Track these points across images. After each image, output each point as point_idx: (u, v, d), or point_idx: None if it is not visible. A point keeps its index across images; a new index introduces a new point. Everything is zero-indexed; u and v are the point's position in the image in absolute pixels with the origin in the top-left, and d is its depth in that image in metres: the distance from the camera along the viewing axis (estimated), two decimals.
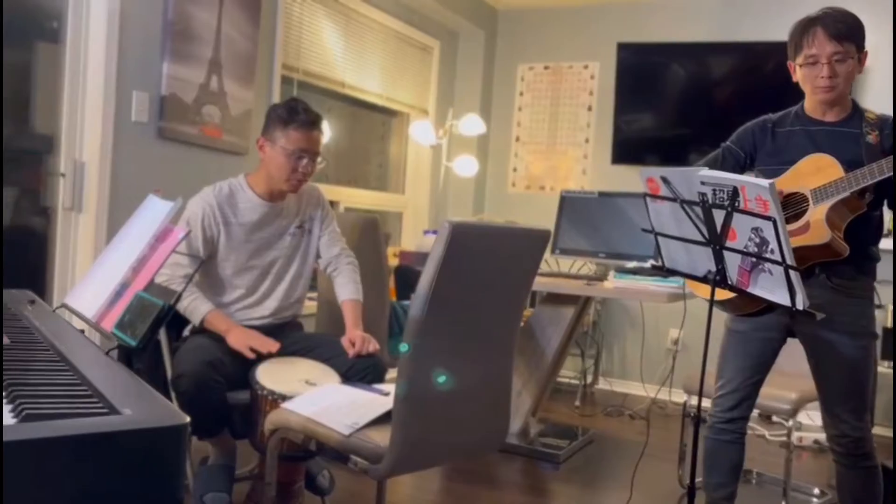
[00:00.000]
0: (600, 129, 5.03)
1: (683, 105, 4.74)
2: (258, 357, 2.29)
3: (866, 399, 2.10)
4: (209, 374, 2.17)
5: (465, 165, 4.88)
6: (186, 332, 2.47)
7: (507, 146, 5.37)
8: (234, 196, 2.46)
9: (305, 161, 2.41)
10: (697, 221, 1.82)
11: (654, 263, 2.12)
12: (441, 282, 1.73)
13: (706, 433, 2.27)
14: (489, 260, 1.86)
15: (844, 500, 2.19)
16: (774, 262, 1.67)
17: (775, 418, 4.04)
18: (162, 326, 1.45)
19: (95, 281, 1.79)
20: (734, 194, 1.70)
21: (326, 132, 2.52)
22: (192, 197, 2.44)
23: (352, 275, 2.61)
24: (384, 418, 1.85)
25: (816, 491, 3.17)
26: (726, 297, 2.05)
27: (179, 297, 1.69)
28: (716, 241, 1.80)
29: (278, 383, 2.13)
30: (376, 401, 1.99)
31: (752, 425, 2.29)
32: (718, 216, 1.76)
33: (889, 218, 2.94)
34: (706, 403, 2.15)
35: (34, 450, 0.82)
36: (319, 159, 2.47)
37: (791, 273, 1.64)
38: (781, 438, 3.83)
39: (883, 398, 3.20)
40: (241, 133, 3.39)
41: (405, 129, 5.01)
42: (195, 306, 2.35)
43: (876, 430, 2.17)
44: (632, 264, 3.38)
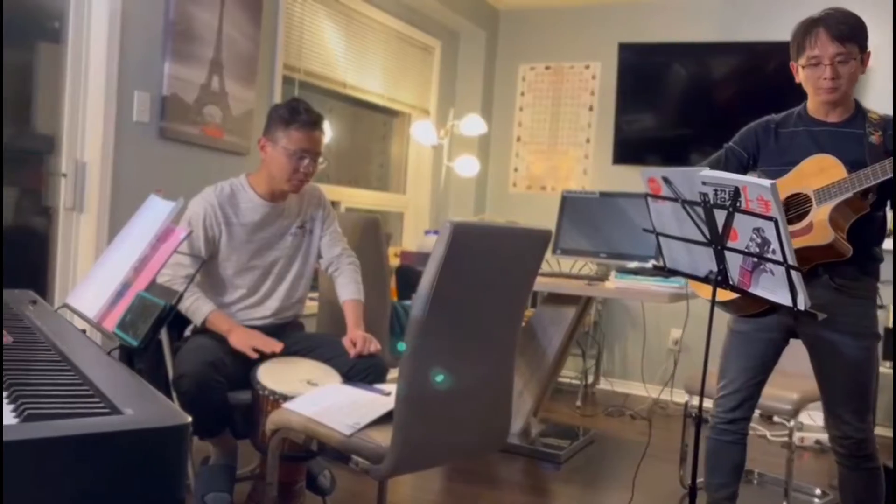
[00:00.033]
0: (601, 130, 5.02)
1: (684, 105, 4.74)
2: (260, 357, 2.29)
3: (869, 400, 2.10)
4: (210, 375, 2.17)
5: (467, 165, 4.88)
6: (188, 332, 2.48)
7: (509, 146, 5.37)
8: (236, 196, 2.46)
9: (307, 161, 2.41)
10: (699, 221, 1.82)
11: (656, 264, 2.12)
12: (442, 282, 1.73)
13: (708, 433, 2.27)
14: (490, 260, 1.86)
15: (846, 502, 2.18)
16: (776, 263, 1.67)
17: (777, 418, 4.03)
18: (163, 326, 1.45)
19: (97, 281, 1.79)
20: (735, 194, 1.70)
21: (328, 132, 2.52)
22: (194, 197, 2.44)
23: (353, 275, 2.61)
24: (385, 418, 1.85)
25: (818, 491, 3.16)
26: (729, 298, 2.05)
27: (181, 298, 1.69)
28: (717, 242, 1.80)
29: (279, 383, 2.13)
30: (377, 401, 1.99)
31: (754, 425, 2.29)
32: (720, 216, 1.76)
33: (892, 218, 2.94)
34: (707, 404, 2.15)
35: (36, 450, 0.82)
36: (321, 159, 2.48)
37: (792, 273, 1.64)
38: (783, 439, 3.83)
39: (884, 398, 3.20)
40: (243, 133, 3.39)
41: (406, 130, 5.02)
42: (197, 306, 2.35)
43: (877, 431, 2.16)
44: (633, 264, 3.38)
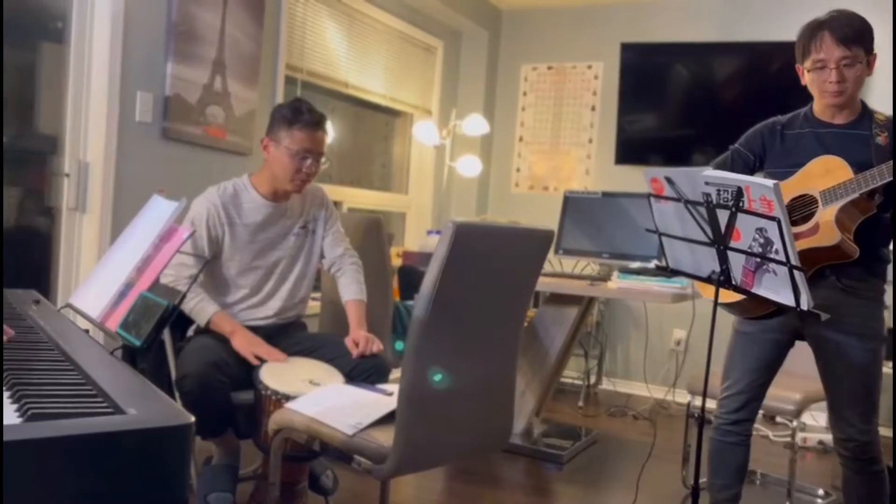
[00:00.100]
0: (604, 130, 5.02)
1: (687, 105, 4.74)
2: (261, 360, 2.29)
3: (874, 402, 2.09)
4: (213, 375, 2.17)
5: (469, 165, 4.88)
6: (190, 332, 2.48)
7: (511, 146, 5.37)
8: (239, 196, 2.47)
9: (309, 161, 2.41)
10: (701, 222, 1.82)
11: (658, 264, 2.12)
12: (445, 282, 1.73)
13: (711, 434, 2.27)
14: (493, 260, 1.86)
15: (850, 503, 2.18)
16: (779, 263, 1.67)
17: (779, 419, 4.03)
18: (166, 326, 1.45)
19: (100, 281, 1.80)
20: (738, 194, 1.69)
21: (330, 132, 2.52)
22: (197, 197, 2.44)
23: (355, 275, 2.61)
24: (388, 418, 1.85)
25: (821, 492, 3.16)
26: (735, 300, 2.04)
27: (184, 298, 1.69)
28: (720, 242, 1.79)
29: (282, 383, 2.13)
30: (380, 401, 1.98)
31: (756, 426, 2.28)
32: (722, 216, 1.76)
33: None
34: (710, 404, 2.15)
35: (39, 449, 0.82)
36: (323, 159, 2.48)
37: (796, 273, 1.64)
38: (786, 439, 3.82)
39: (885, 398, 3.18)
40: (245, 133, 3.39)
41: (409, 130, 5.02)
42: (201, 307, 2.36)
43: (879, 431, 2.16)
44: (635, 265, 3.38)
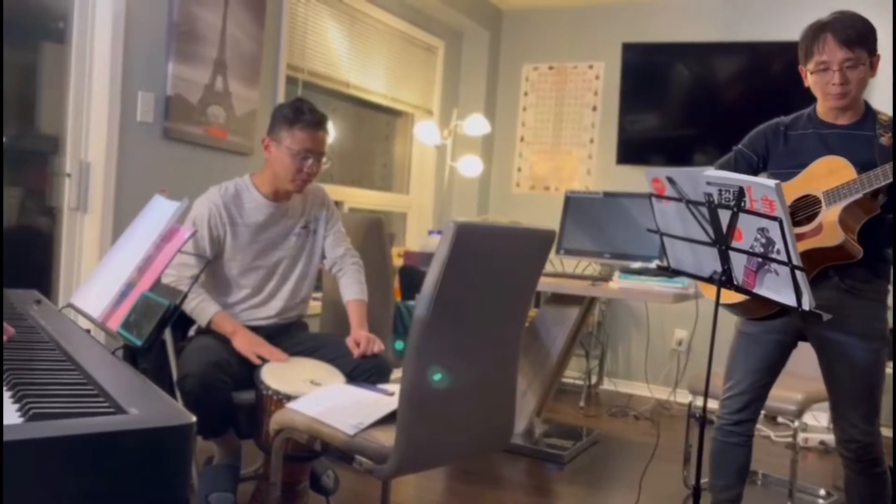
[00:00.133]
0: (605, 130, 5.02)
1: (688, 105, 4.74)
2: (263, 360, 2.29)
3: (876, 404, 2.08)
4: (215, 375, 2.17)
5: (470, 166, 4.88)
6: (192, 332, 2.48)
7: (512, 146, 5.37)
8: (240, 196, 2.47)
9: (311, 161, 2.41)
10: (703, 222, 1.81)
11: (660, 264, 2.11)
12: (446, 282, 1.73)
13: (713, 435, 2.26)
14: (494, 260, 1.86)
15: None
16: (780, 263, 1.66)
17: (781, 419, 4.03)
18: (168, 326, 1.45)
19: (101, 281, 1.80)
20: (740, 194, 1.69)
21: (331, 132, 2.52)
22: (198, 197, 2.45)
23: (357, 275, 2.61)
24: (389, 418, 1.85)
25: (822, 492, 3.16)
26: (738, 301, 2.03)
27: (185, 298, 1.69)
28: (721, 242, 1.79)
29: (283, 383, 2.13)
30: (381, 401, 1.98)
31: (758, 426, 2.28)
32: (724, 216, 1.75)
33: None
34: (711, 404, 2.14)
35: (41, 449, 0.82)
36: (324, 159, 2.48)
37: (797, 273, 1.64)
38: (787, 439, 3.82)
39: (887, 399, 3.17)
40: (246, 133, 3.39)
41: (410, 130, 5.02)
42: (203, 308, 2.35)
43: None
44: (637, 265, 3.38)
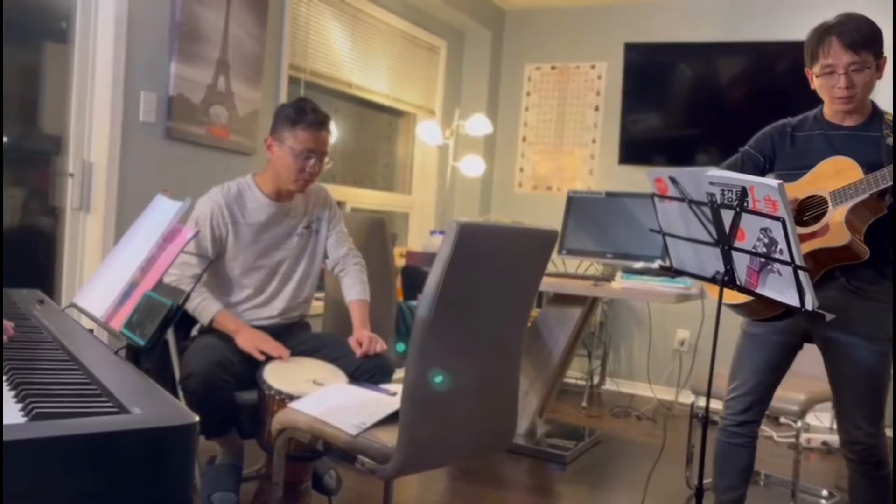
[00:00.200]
0: (607, 130, 5.02)
1: (691, 105, 4.73)
2: (266, 357, 2.29)
3: (881, 406, 2.07)
4: (218, 374, 2.17)
5: (472, 166, 4.88)
6: (194, 332, 2.48)
7: (514, 146, 5.37)
8: (243, 196, 2.47)
9: (313, 161, 2.41)
10: (706, 222, 1.81)
11: (662, 264, 2.11)
12: (448, 282, 1.73)
13: (717, 435, 2.26)
14: (497, 260, 1.86)
15: None
16: (783, 263, 1.66)
17: (783, 419, 4.02)
18: (170, 326, 1.45)
19: (104, 281, 1.80)
20: (743, 194, 1.69)
21: (334, 132, 2.52)
22: (201, 197, 2.45)
23: (359, 275, 2.61)
24: (391, 418, 1.85)
25: (825, 492, 3.15)
26: (742, 301, 2.03)
27: (188, 297, 1.69)
28: (724, 242, 1.79)
29: (286, 383, 2.13)
30: (383, 401, 1.98)
31: (761, 426, 2.28)
32: (727, 216, 1.75)
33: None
34: (714, 405, 2.14)
35: (44, 449, 0.82)
36: (327, 159, 2.48)
37: (800, 273, 1.63)
38: (790, 440, 3.82)
39: (889, 399, 3.17)
40: (249, 133, 3.40)
41: (412, 130, 5.02)
42: (204, 306, 2.36)
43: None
44: (639, 265, 3.38)
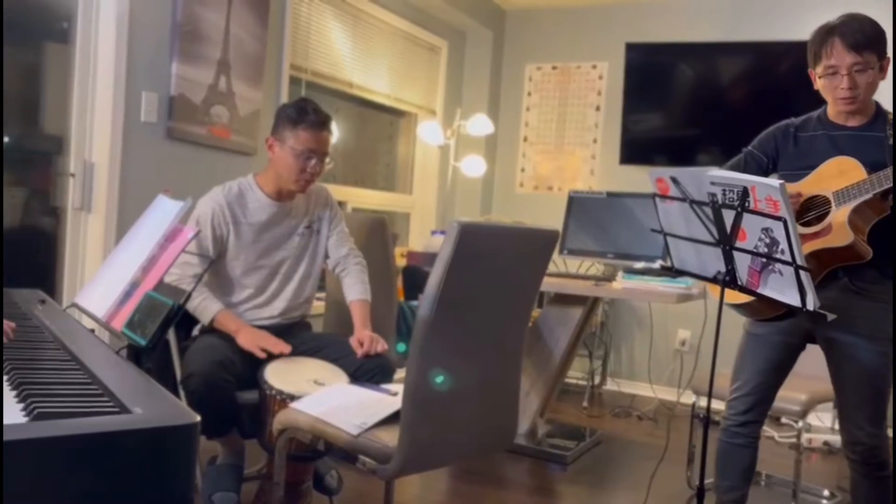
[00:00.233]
0: (608, 130, 5.02)
1: (692, 105, 4.73)
2: (267, 356, 2.29)
3: (884, 406, 2.06)
4: (219, 374, 2.17)
5: (473, 166, 4.88)
6: (196, 332, 2.48)
7: (515, 146, 5.37)
8: (244, 196, 2.47)
9: (314, 161, 2.41)
10: (707, 222, 1.81)
11: (663, 264, 2.11)
12: (449, 282, 1.73)
13: (719, 435, 2.26)
14: (498, 260, 1.86)
15: None
16: (784, 263, 1.66)
17: (785, 420, 4.02)
18: (172, 326, 1.46)
19: (105, 280, 1.80)
20: (744, 194, 1.69)
21: (335, 133, 2.52)
22: (202, 197, 2.45)
23: (360, 275, 2.61)
24: (392, 418, 1.85)
25: (826, 493, 3.15)
26: (745, 301, 2.03)
27: (189, 297, 1.69)
28: (725, 242, 1.79)
29: (287, 383, 2.13)
30: (384, 401, 1.98)
31: (762, 427, 2.28)
32: (728, 216, 1.75)
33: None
34: (715, 405, 2.14)
35: (45, 448, 0.82)
36: (328, 160, 2.48)
37: (801, 273, 1.63)
38: (791, 440, 3.81)
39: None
40: (250, 133, 3.40)
41: (413, 130, 5.02)
42: (205, 306, 2.36)
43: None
44: (640, 265, 3.37)
